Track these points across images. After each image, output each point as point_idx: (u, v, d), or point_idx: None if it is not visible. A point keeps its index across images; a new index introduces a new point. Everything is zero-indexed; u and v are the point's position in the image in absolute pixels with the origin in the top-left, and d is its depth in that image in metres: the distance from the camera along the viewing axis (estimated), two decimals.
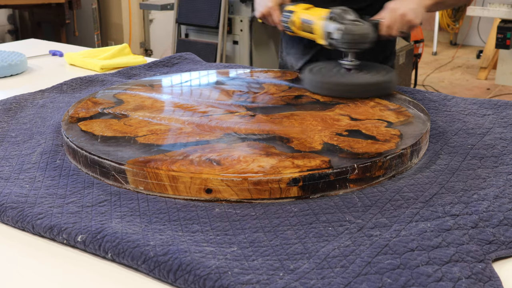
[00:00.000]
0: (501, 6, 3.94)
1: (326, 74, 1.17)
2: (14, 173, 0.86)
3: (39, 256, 0.68)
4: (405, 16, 1.17)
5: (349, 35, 1.11)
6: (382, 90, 1.13)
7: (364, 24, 1.12)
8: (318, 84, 1.15)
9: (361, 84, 1.13)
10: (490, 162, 0.87)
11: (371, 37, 1.13)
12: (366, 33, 1.12)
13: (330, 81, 1.14)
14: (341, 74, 1.16)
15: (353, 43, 1.13)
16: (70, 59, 1.68)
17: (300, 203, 0.74)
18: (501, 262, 0.64)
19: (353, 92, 1.11)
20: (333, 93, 1.12)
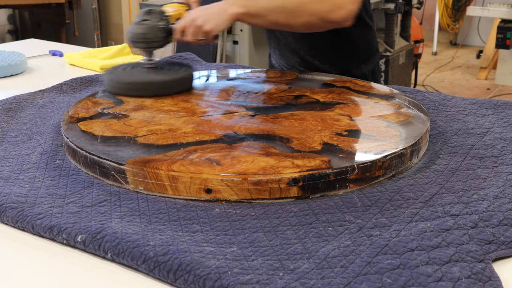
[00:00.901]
0: (501, 6, 3.94)
1: (123, 73, 1.19)
2: (14, 173, 0.86)
3: (39, 256, 0.68)
4: (195, 21, 1.14)
5: (130, 33, 1.17)
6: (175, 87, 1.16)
7: (148, 25, 1.16)
8: (113, 83, 1.17)
9: (149, 82, 1.15)
10: (490, 162, 0.87)
11: (152, 38, 1.16)
12: (143, 33, 1.15)
13: (123, 80, 1.16)
14: (136, 73, 1.18)
15: (135, 42, 1.17)
16: (70, 59, 1.68)
17: (300, 203, 0.74)
18: (501, 262, 0.64)
19: (143, 90, 1.13)
20: (126, 91, 1.14)
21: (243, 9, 1.15)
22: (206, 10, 1.16)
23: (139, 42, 1.17)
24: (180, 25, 1.16)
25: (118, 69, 1.21)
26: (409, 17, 3.79)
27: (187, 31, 1.15)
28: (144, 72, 1.19)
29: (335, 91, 1.15)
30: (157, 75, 1.17)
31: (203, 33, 1.15)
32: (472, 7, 4.22)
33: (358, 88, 1.16)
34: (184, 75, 1.19)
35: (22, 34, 4.87)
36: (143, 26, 1.16)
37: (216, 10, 1.16)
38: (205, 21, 1.14)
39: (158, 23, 1.17)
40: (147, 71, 1.19)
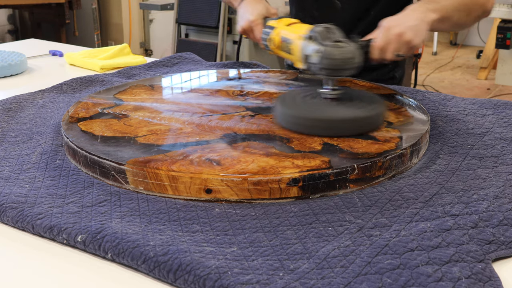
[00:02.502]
0: (501, 6, 3.94)
1: (300, 106, 0.97)
2: (14, 173, 0.86)
3: (39, 256, 0.68)
4: (402, 35, 0.99)
5: (328, 59, 0.92)
6: (369, 125, 0.93)
7: (348, 46, 0.93)
8: (289, 118, 0.94)
9: (344, 119, 0.92)
10: (490, 162, 0.87)
11: (357, 62, 0.93)
12: (350, 57, 0.92)
13: (303, 115, 0.93)
14: (319, 107, 0.96)
15: (333, 70, 0.93)
16: (70, 59, 1.68)
17: (300, 203, 0.74)
18: (501, 262, 0.64)
19: (333, 129, 0.91)
20: (309, 130, 0.91)
21: (437, 15, 1.03)
22: (407, 22, 1.00)
23: (345, 70, 0.93)
24: (382, 41, 0.99)
25: (293, 100, 0.99)
26: None
27: (389, 48, 0.99)
28: (331, 105, 0.96)
29: None
30: (350, 109, 0.94)
31: (409, 49, 1.00)
32: None
33: (358, 88, 1.16)
34: (380, 111, 0.95)
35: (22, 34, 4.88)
36: (349, 49, 0.92)
37: (416, 19, 1.01)
38: (415, 35, 0.98)
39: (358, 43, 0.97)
40: (333, 103, 0.96)
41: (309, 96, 1.00)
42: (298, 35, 1.00)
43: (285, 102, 0.97)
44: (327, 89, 0.97)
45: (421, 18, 1.01)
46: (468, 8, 1.09)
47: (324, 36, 0.94)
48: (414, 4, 1.05)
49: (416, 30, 0.99)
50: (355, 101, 0.97)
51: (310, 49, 0.95)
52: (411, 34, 0.99)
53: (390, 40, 0.99)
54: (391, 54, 1.00)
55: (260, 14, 1.20)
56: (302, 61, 0.98)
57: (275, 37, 1.08)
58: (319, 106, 0.96)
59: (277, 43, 1.08)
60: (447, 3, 1.06)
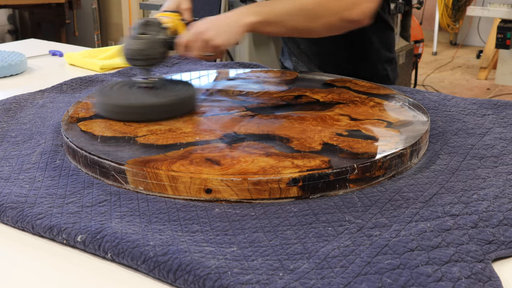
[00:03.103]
0: (501, 6, 3.94)
1: (116, 95, 1.03)
2: (14, 173, 0.86)
3: (39, 256, 0.68)
4: (203, 34, 1.00)
5: (127, 50, 1.02)
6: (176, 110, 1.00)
7: (146, 40, 1.01)
8: (104, 107, 1.00)
9: (147, 105, 0.99)
10: (490, 162, 0.87)
11: (150, 54, 1.01)
12: (142, 49, 1.00)
13: (115, 103, 1.00)
14: (131, 95, 1.03)
15: (133, 59, 1.02)
16: (70, 59, 1.68)
17: (300, 203, 0.74)
18: (501, 262, 0.64)
19: (140, 114, 0.98)
20: (120, 116, 0.98)
21: (258, 17, 1.01)
22: (215, 22, 1.03)
23: (137, 60, 1.02)
24: (185, 38, 1.02)
25: (110, 89, 1.06)
26: (409, 17, 3.79)
27: (193, 46, 1.02)
28: (140, 93, 1.04)
29: (335, 91, 1.15)
30: (155, 96, 1.02)
31: (212, 48, 1.01)
32: (472, 7, 4.23)
33: (358, 88, 1.16)
34: (186, 96, 1.04)
35: (22, 34, 4.88)
36: (141, 41, 1.01)
37: (227, 21, 1.03)
38: (214, 34, 1.00)
39: (157, 36, 1.03)
40: (143, 91, 1.04)
41: (125, 85, 1.06)
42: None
43: (101, 91, 1.04)
44: (140, 79, 1.05)
45: (234, 20, 1.02)
46: (309, 14, 1.04)
47: (140, 29, 1.02)
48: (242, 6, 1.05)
49: (220, 31, 1.01)
50: (165, 88, 1.05)
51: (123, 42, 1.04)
52: (212, 33, 1.00)
53: (192, 38, 1.01)
54: (196, 51, 1.02)
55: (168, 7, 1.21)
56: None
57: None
58: (131, 94, 1.02)
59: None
60: (277, 7, 1.04)
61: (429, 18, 5.86)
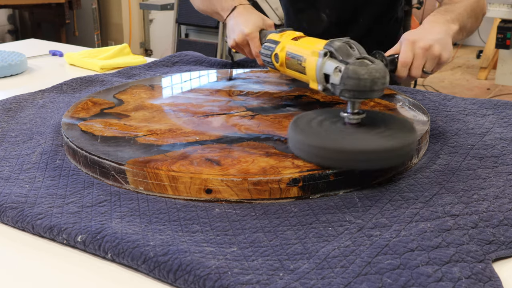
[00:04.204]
0: (501, 6, 3.94)
1: (326, 135, 0.81)
2: (14, 173, 0.86)
3: (39, 256, 0.68)
4: (430, 49, 0.88)
5: (353, 79, 0.78)
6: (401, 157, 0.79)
7: (375, 64, 0.79)
8: (306, 147, 0.78)
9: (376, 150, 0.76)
10: (490, 162, 0.87)
11: (386, 82, 0.79)
12: (378, 77, 0.77)
13: (326, 146, 0.77)
14: (346, 135, 0.80)
15: (360, 92, 0.78)
16: (70, 59, 1.68)
17: (300, 203, 0.74)
18: (501, 262, 0.64)
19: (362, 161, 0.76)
20: (332, 162, 0.77)
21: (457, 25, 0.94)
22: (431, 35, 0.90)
23: (373, 91, 0.78)
24: (408, 56, 0.88)
25: (309, 124, 0.83)
26: (409, 17, 3.79)
27: (416, 64, 0.89)
28: (356, 132, 0.81)
29: None
30: (378, 138, 0.79)
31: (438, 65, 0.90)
32: None
33: None
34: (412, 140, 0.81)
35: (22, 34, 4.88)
36: (374, 66, 0.78)
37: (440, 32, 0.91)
38: (443, 48, 0.89)
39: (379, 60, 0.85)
40: (357, 130, 0.81)
41: (326, 119, 0.85)
42: (312, 51, 0.87)
43: (299, 126, 0.82)
44: (351, 113, 0.82)
45: (445, 31, 0.92)
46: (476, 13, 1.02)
47: (344, 52, 0.82)
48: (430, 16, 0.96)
49: (443, 43, 0.90)
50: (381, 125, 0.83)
51: (330, 68, 0.82)
52: (439, 47, 0.89)
53: (417, 55, 0.89)
54: (418, 70, 0.90)
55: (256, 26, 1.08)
56: (319, 81, 0.86)
57: (280, 53, 0.97)
58: (345, 134, 0.81)
59: (283, 60, 0.97)
60: (461, 11, 0.98)
61: None
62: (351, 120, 0.82)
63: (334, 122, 0.84)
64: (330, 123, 0.84)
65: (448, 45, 0.91)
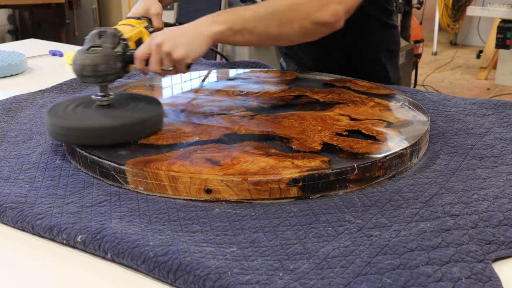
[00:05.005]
0: (501, 6, 3.94)
1: (68, 116, 0.91)
2: (14, 173, 0.86)
3: (39, 256, 0.68)
4: (161, 46, 0.90)
5: (74, 64, 0.90)
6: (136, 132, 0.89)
7: (97, 53, 0.89)
8: (55, 129, 0.88)
9: (100, 127, 0.88)
10: (490, 162, 0.87)
11: (102, 70, 0.89)
12: (93, 64, 0.88)
13: (66, 125, 0.88)
14: (85, 115, 0.92)
15: (83, 76, 0.89)
16: (70, 59, 1.68)
17: (300, 203, 0.74)
18: (501, 262, 0.64)
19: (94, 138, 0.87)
20: (72, 140, 0.88)
21: (223, 26, 0.92)
22: (176, 32, 0.92)
23: (88, 76, 0.89)
24: (142, 51, 0.91)
25: (62, 109, 0.93)
26: (409, 17, 3.79)
27: (151, 60, 0.91)
28: (95, 113, 0.92)
29: (335, 91, 1.15)
30: (112, 117, 0.90)
31: (172, 62, 0.91)
32: (472, 7, 4.23)
33: (358, 88, 1.16)
34: (148, 116, 0.92)
35: (22, 34, 4.88)
36: (93, 55, 0.89)
37: (189, 32, 0.92)
38: (174, 46, 0.90)
39: (113, 49, 0.91)
40: (99, 111, 0.93)
41: (80, 104, 0.95)
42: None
43: (52, 111, 0.92)
44: (97, 96, 0.93)
45: (197, 30, 0.92)
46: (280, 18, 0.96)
47: (91, 40, 0.91)
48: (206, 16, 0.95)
49: (181, 42, 0.90)
50: (125, 107, 0.93)
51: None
52: (171, 45, 0.89)
53: (150, 51, 0.91)
54: (154, 65, 0.91)
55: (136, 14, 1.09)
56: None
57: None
58: (85, 114, 0.92)
59: None
60: (245, 13, 0.95)
61: (429, 18, 5.86)
62: (101, 102, 0.93)
63: (88, 105, 0.95)
64: (83, 107, 0.95)
65: (187, 44, 0.90)
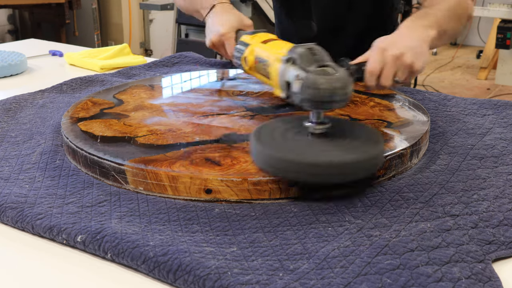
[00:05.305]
0: (501, 6, 3.94)
1: (289, 146, 0.77)
2: (13, 173, 0.86)
3: (39, 256, 0.68)
4: (401, 58, 0.84)
5: (312, 89, 0.74)
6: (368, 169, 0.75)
7: (337, 73, 0.75)
8: (267, 159, 0.74)
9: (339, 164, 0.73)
10: (490, 162, 0.87)
11: (348, 92, 0.75)
12: (338, 87, 0.73)
13: (287, 158, 0.72)
14: (309, 147, 0.76)
15: (318, 102, 0.74)
16: (70, 59, 1.68)
17: (300, 203, 0.74)
18: (501, 262, 0.64)
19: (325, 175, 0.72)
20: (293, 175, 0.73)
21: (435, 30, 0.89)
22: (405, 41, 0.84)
23: (333, 102, 0.74)
24: (376, 65, 0.83)
25: (272, 135, 0.79)
26: None
27: (386, 73, 0.83)
28: (318, 143, 0.77)
29: None
30: (342, 150, 0.75)
31: (410, 74, 0.85)
32: None
33: (358, 88, 1.16)
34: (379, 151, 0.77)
35: (22, 34, 4.88)
36: (335, 76, 0.74)
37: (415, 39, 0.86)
38: (414, 57, 0.83)
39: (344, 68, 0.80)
40: (321, 141, 0.77)
41: (288, 128, 0.81)
42: (276, 56, 0.85)
43: (261, 136, 0.78)
44: (315, 123, 0.78)
45: (421, 38, 0.87)
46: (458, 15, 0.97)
47: (306, 59, 0.78)
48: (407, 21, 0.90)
49: (416, 51, 0.85)
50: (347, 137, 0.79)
51: (291, 75, 0.78)
52: (411, 56, 0.84)
53: (387, 64, 0.84)
54: (389, 80, 0.85)
55: (232, 26, 1.05)
56: (282, 88, 0.82)
57: (249, 56, 0.94)
58: (309, 146, 0.77)
59: (251, 63, 0.93)
60: (441, 14, 0.93)
61: None
62: (315, 131, 0.78)
63: (298, 132, 0.80)
64: (293, 133, 0.80)
65: (423, 53, 0.86)
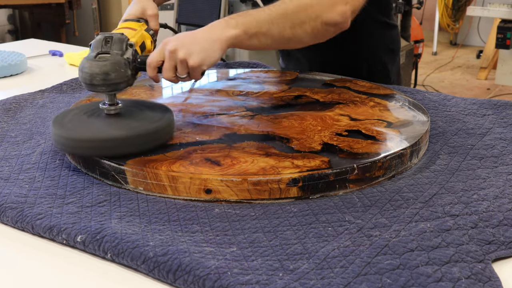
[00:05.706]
0: (501, 6, 3.94)
1: (75, 126, 0.87)
2: (13, 173, 0.86)
3: (39, 256, 0.68)
4: (175, 53, 0.85)
5: (81, 72, 0.85)
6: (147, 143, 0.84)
7: (106, 61, 0.84)
8: (62, 140, 0.84)
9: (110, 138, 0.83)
10: (490, 162, 0.87)
11: (113, 78, 0.84)
12: (104, 72, 0.84)
13: (73, 136, 0.84)
14: (92, 125, 0.87)
15: (91, 85, 0.85)
16: (70, 59, 1.68)
17: (300, 203, 0.74)
18: (501, 262, 0.64)
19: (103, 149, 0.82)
20: (80, 151, 0.84)
21: (238, 30, 0.90)
22: (190, 38, 0.88)
23: (99, 86, 0.84)
24: (155, 58, 0.88)
25: (68, 119, 0.89)
26: (409, 17, 3.79)
27: (165, 67, 0.87)
28: (104, 123, 0.88)
29: (335, 91, 1.15)
30: (121, 128, 0.86)
31: (188, 69, 0.87)
32: (472, 7, 4.23)
33: (358, 88, 1.16)
34: (159, 125, 0.87)
35: (22, 34, 4.88)
36: (102, 62, 0.84)
37: (204, 37, 0.88)
38: (189, 52, 0.86)
39: (122, 56, 0.86)
40: (108, 121, 0.88)
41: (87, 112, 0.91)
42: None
43: (58, 120, 0.88)
44: (105, 104, 0.88)
45: (213, 35, 0.88)
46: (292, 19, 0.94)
47: (96, 46, 0.87)
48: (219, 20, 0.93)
49: (197, 48, 0.86)
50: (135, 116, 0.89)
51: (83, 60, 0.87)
52: (187, 51, 0.85)
53: (163, 57, 0.87)
54: (168, 72, 0.87)
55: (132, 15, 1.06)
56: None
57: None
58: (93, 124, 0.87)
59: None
60: (258, 16, 0.93)
61: (429, 18, 5.86)
62: (108, 112, 0.89)
63: (97, 115, 0.90)
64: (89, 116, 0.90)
65: (204, 50, 0.87)
